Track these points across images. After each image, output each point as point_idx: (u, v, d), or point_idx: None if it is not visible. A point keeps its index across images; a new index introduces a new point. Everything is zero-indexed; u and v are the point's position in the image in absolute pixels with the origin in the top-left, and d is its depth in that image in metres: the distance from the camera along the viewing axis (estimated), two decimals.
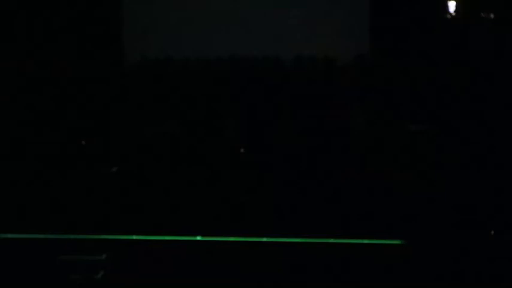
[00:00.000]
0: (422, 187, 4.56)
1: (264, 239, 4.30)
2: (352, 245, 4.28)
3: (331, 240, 4.26)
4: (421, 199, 4.50)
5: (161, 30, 5.21)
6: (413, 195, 4.52)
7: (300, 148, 4.85)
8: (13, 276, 4.24)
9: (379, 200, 4.53)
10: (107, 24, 5.15)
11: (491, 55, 4.64)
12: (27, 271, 4.25)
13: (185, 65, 5.19)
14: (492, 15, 4.70)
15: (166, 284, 4.15)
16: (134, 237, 4.32)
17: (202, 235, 4.32)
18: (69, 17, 5.01)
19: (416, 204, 4.48)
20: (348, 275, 4.20)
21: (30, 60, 4.94)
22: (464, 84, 4.68)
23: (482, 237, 4.21)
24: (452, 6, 4.85)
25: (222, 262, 4.21)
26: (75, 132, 4.84)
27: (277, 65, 5.17)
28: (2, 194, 4.62)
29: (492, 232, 4.21)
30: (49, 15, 4.99)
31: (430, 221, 4.38)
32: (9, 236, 4.39)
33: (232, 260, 4.21)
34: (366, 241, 4.28)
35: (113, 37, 5.14)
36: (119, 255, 4.25)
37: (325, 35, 5.13)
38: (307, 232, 4.34)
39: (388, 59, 4.90)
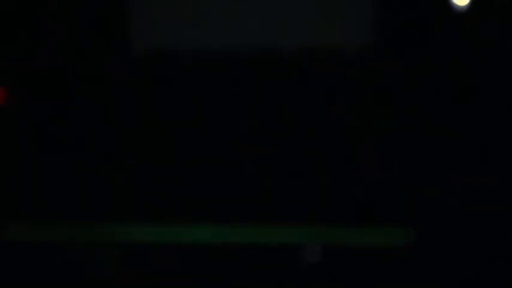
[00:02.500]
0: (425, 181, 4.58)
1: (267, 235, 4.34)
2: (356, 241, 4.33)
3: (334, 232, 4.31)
4: (423, 193, 4.52)
5: (165, 23, 5.18)
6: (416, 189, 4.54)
7: (302, 141, 4.86)
8: (21, 274, 4.27)
9: (381, 194, 4.56)
10: (109, 17, 5.11)
11: (496, 49, 4.62)
12: (34, 269, 4.29)
13: (187, 58, 5.16)
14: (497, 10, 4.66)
15: (175, 281, 4.19)
16: (144, 233, 4.35)
17: (212, 233, 4.36)
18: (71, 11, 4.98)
19: (419, 198, 4.51)
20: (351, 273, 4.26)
21: (30, 56, 4.92)
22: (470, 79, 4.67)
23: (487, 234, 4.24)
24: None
25: (230, 260, 4.25)
26: (82, 125, 4.84)
27: (280, 56, 5.15)
28: (9, 191, 4.65)
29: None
30: (52, 9, 4.95)
31: (436, 218, 4.41)
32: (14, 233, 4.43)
33: (240, 258, 4.25)
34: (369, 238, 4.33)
35: (115, 31, 5.11)
36: (128, 252, 4.28)
37: (328, 27, 5.11)
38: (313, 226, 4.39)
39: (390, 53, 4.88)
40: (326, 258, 4.31)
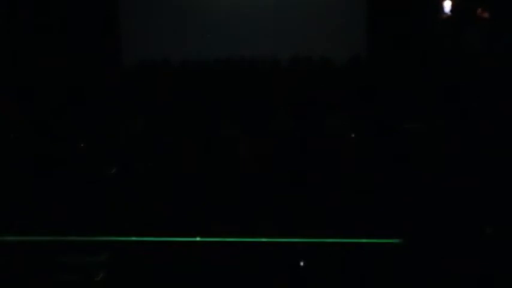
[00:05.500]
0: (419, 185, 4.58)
1: (263, 239, 4.32)
2: (351, 244, 4.31)
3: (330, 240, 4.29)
4: (418, 197, 4.52)
5: (159, 32, 5.25)
6: (411, 193, 4.54)
7: (297, 147, 4.87)
8: (12, 277, 4.25)
9: (376, 198, 4.55)
10: (104, 24, 5.16)
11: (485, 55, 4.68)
12: (26, 272, 4.27)
13: (183, 65, 5.21)
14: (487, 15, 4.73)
15: (165, 285, 4.17)
16: (134, 238, 4.34)
17: (202, 236, 4.34)
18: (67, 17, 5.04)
19: (413, 203, 4.50)
20: (346, 275, 4.23)
21: (28, 62, 4.96)
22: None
23: (478, 235, 4.23)
24: (447, 7, 4.89)
25: (220, 263, 4.23)
26: (75, 134, 4.86)
27: (274, 65, 5.20)
28: (2, 196, 4.64)
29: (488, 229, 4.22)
30: (49, 16, 5.00)
31: (427, 220, 4.40)
32: (9, 238, 4.41)
33: (230, 261, 4.23)
34: (364, 240, 4.31)
35: (111, 38, 5.16)
36: (118, 256, 4.27)
37: (322, 36, 5.17)
38: (306, 232, 4.37)
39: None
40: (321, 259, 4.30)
